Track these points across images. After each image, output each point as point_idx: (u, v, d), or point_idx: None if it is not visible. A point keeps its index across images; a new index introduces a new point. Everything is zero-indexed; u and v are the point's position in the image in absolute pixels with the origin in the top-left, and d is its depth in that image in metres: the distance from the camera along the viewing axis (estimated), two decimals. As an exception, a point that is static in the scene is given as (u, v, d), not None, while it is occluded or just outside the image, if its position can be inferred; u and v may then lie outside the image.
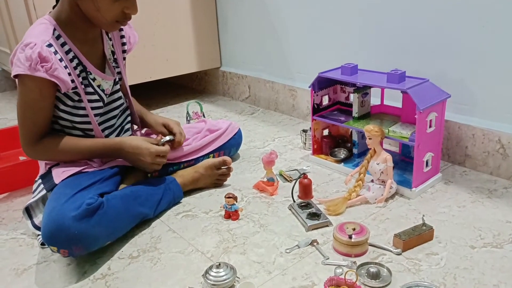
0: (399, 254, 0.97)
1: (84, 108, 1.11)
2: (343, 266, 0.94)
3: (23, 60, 0.98)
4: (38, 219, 1.10)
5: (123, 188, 1.14)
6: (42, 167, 1.17)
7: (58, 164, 1.14)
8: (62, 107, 1.09)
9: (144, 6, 1.85)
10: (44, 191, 1.09)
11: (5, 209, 1.30)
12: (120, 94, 1.23)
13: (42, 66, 0.98)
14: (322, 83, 1.41)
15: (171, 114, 2.08)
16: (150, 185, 1.17)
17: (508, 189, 1.22)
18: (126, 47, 1.24)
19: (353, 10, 1.57)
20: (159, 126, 1.33)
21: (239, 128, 1.50)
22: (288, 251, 1.00)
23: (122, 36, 1.23)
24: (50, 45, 1.01)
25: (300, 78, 1.88)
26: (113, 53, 1.20)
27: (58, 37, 1.04)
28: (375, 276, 0.88)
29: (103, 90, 1.15)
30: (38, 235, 1.09)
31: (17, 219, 1.23)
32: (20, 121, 1.07)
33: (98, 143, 1.13)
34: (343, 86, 1.46)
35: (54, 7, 1.12)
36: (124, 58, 1.26)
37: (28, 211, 1.11)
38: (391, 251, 0.98)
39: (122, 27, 1.22)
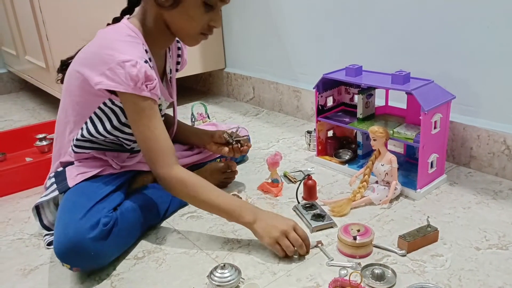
0: (403, 255, 0.97)
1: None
2: (348, 267, 0.94)
3: (125, 78, 0.94)
4: (47, 218, 1.10)
5: (133, 197, 1.11)
6: (56, 164, 1.15)
7: (73, 163, 1.12)
8: (115, 122, 1.06)
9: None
10: (56, 192, 1.07)
11: (12, 210, 1.31)
12: (163, 113, 1.21)
13: (147, 86, 0.97)
14: (326, 84, 1.41)
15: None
16: (159, 192, 1.15)
17: (514, 191, 1.21)
18: (178, 67, 1.24)
19: (357, 11, 1.57)
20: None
21: (248, 135, 1.49)
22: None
23: (179, 56, 1.23)
24: (146, 62, 0.98)
25: (304, 79, 1.89)
26: (170, 71, 1.19)
27: (146, 52, 1.02)
28: (380, 277, 0.88)
29: (160, 110, 1.13)
30: (45, 235, 1.10)
31: (23, 219, 1.24)
32: (145, 142, 1.01)
33: (233, 205, 1.02)
34: (348, 87, 1.46)
35: (124, 11, 1.09)
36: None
37: (37, 209, 1.10)
38: (395, 253, 0.98)
39: (180, 46, 1.22)
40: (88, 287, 0.94)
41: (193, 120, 1.76)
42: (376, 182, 1.22)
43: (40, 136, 1.69)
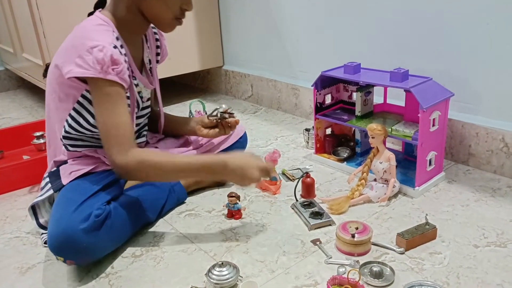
0: (402, 253, 0.97)
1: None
2: (346, 265, 0.94)
3: (92, 62, 0.95)
4: (44, 218, 1.10)
5: (128, 192, 1.12)
6: (50, 164, 1.16)
7: (66, 162, 1.12)
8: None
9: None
10: (51, 191, 1.07)
11: (9, 208, 1.30)
12: (149, 103, 1.23)
13: (113, 69, 0.97)
14: (325, 82, 1.41)
15: (174, 113, 2.07)
16: (155, 188, 1.16)
17: (512, 188, 1.22)
18: (159, 58, 1.25)
19: (355, 8, 1.57)
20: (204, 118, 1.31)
21: (245, 132, 1.49)
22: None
23: (158, 46, 1.24)
24: (115, 47, 0.99)
25: (302, 77, 1.88)
26: (150, 61, 1.20)
27: (117, 39, 1.03)
28: (378, 275, 0.88)
29: (141, 97, 1.15)
30: (42, 233, 1.10)
31: (21, 217, 1.24)
32: (105, 128, 1.00)
33: (199, 160, 1.03)
34: (346, 84, 1.46)
35: (96, 5, 1.11)
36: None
37: (34, 209, 1.10)
38: (394, 250, 0.98)
39: (158, 37, 1.24)
40: (86, 284, 0.94)
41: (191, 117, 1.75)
42: (375, 180, 1.22)
43: (38, 134, 1.68)
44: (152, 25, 1.16)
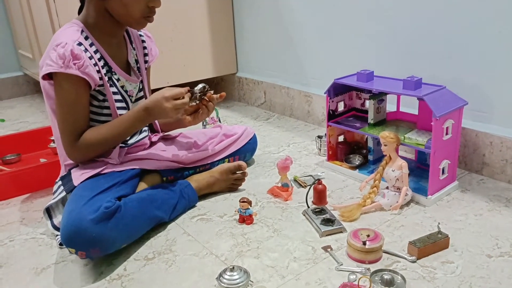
0: (413, 261, 0.96)
1: (108, 107, 1.15)
2: (357, 272, 0.93)
3: (56, 58, 1.02)
4: (58, 219, 1.13)
5: (139, 192, 1.15)
6: (62, 169, 1.20)
7: (77, 166, 1.16)
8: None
9: (162, 12, 1.88)
10: (63, 193, 1.11)
11: (26, 209, 1.33)
12: (141, 94, 1.27)
13: (75, 64, 1.03)
14: (337, 89, 1.41)
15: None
16: (166, 189, 1.18)
17: (527, 198, 1.20)
18: (148, 58, 1.29)
19: (368, 16, 1.57)
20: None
21: (254, 133, 1.51)
22: None
23: (145, 47, 1.28)
24: (80, 44, 1.05)
25: (315, 84, 1.89)
26: (136, 61, 1.25)
27: (86, 38, 1.09)
28: (389, 283, 0.87)
29: (126, 91, 1.19)
30: (57, 235, 1.12)
31: (37, 219, 1.26)
32: (60, 122, 1.10)
33: (129, 116, 1.12)
34: (359, 92, 1.46)
35: (79, 12, 1.17)
36: (147, 69, 1.30)
37: (48, 212, 1.13)
38: (405, 259, 0.97)
39: (144, 39, 1.28)
40: (99, 286, 0.96)
41: (205, 123, 1.77)
42: (387, 187, 1.22)
43: (54, 137, 1.72)
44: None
